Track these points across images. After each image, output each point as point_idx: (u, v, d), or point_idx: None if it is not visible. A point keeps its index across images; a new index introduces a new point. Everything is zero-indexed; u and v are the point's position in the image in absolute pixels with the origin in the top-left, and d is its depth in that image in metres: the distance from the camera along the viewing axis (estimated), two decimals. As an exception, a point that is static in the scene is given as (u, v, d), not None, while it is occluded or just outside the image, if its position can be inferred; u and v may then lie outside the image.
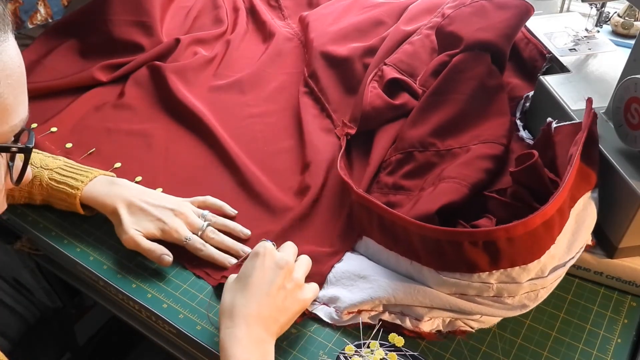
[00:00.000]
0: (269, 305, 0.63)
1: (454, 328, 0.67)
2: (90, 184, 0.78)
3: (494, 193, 0.71)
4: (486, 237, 0.61)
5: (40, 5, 1.14)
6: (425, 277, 0.66)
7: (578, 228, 0.67)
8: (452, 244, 0.62)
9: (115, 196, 0.76)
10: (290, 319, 0.65)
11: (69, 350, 1.16)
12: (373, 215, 0.71)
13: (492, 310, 0.65)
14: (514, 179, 0.68)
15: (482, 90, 0.83)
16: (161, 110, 0.99)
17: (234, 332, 0.61)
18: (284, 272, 0.65)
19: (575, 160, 0.64)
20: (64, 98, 1.00)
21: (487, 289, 0.63)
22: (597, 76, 0.83)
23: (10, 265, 1.00)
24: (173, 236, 0.75)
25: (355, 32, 1.07)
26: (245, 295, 0.63)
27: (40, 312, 1.07)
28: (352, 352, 0.65)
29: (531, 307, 0.65)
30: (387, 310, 0.68)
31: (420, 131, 0.83)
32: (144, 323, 0.77)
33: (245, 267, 0.66)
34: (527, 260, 0.62)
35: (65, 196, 0.78)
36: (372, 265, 0.72)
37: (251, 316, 0.62)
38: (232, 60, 1.09)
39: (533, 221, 0.60)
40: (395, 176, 0.81)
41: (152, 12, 1.12)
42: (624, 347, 0.67)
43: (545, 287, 0.65)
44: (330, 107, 0.97)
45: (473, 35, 0.85)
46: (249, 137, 0.94)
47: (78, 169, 0.80)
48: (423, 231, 0.64)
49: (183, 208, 0.77)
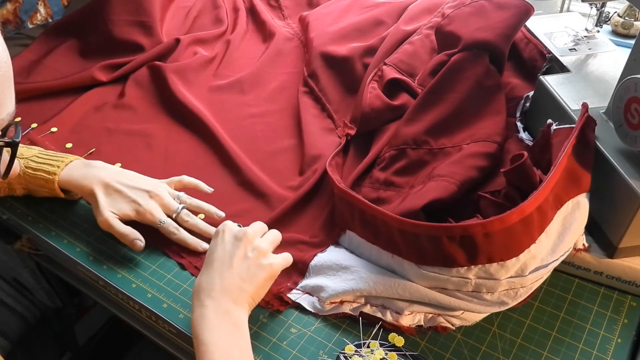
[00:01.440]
0: (232, 276, 0.64)
1: (434, 324, 0.68)
2: (67, 168, 0.79)
3: (487, 194, 0.71)
4: (463, 232, 0.61)
5: (40, 5, 1.14)
6: (406, 271, 0.67)
7: (564, 231, 0.66)
8: (430, 238, 0.63)
9: (92, 177, 0.78)
10: (260, 286, 0.65)
11: (69, 350, 1.16)
12: (355, 210, 0.72)
13: (470, 306, 0.66)
14: (506, 179, 0.69)
15: (479, 90, 0.83)
16: (161, 110, 0.99)
17: (200, 311, 0.62)
18: (243, 243, 0.66)
19: (560, 161, 0.64)
20: (64, 98, 1.00)
21: (465, 284, 0.64)
22: (597, 76, 0.83)
23: (10, 265, 1.00)
24: (147, 218, 0.76)
25: (355, 32, 1.07)
26: (209, 273, 0.64)
27: (41, 312, 1.07)
28: (352, 351, 0.65)
29: (510, 304, 0.66)
30: (368, 303, 0.69)
31: (414, 129, 0.83)
32: (144, 323, 0.77)
33: (209, 247, 0.68)
34: (505, 257, 0.62)
35: (43, 182, 0.78)
36: (354, 257, 0.73)
37: (215, 291, 0.63)
38: (232, 60, 1.10)
39: (510, 218, 0.61)
40: (387, 172, 0.82)
41: (152, 12, 1.12)
42: (624, 347, 0.67)
43: (525, 287, 0.65)
44: (331, 107, 0.97)
45: (471, 35, 0.85)
46: (249, 136, 0.94)
47: (53, 156, 0.81)
48: (402, 225, 0.65)
49: (159, 190, 0.78)
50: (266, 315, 0.71)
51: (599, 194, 0.71)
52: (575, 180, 0.67)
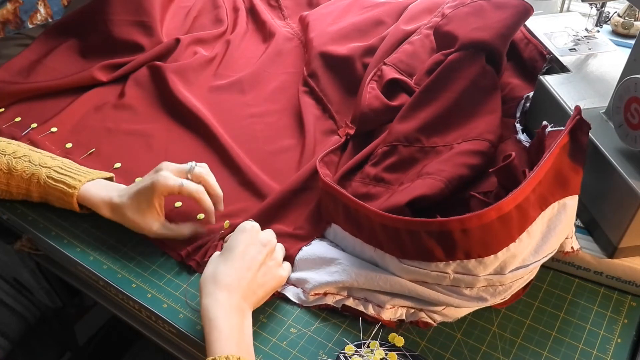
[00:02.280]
0: (250, 278, 0.66)
1: (416, 318, 0.68)
2: (88, 184, 0.78)
3: (480, 194, 0.71)
4: (441, 227, 0.62)
5: (40, 5, 1.14)
6: (388, 264, 0.68)
7: (549, 232, 0.66)
8: (410, 233, 0.64)
9: (106, 196, 0.77)
10: (267, 293, 0.69)
11: (69, 350, 1.16)
12: (339, 204, 0.73)
13: (450, 300, 0.66)
14: (497, 179, 0.69)
15: (474, 90, 0.83)
16: (161, 110, 0.99)
17: (216, 297, 0.63)
18: (267, 250, 0.69)
19: (544, 162, 0.64)
20: (64, 98, 1.00)
21: (444, 279, 0.65)
22: (597, 76, 0.83)
23: (10, 265, 1.00)
24: (169, 185, 0.74)
25: (355, 32, 1.07)
26: (229, 266, 0.66)
27: (41, 312, 1.07)
28: (352, 351, 0.65)
29: (490, 301, 0.66)
30: (351, 296, 0.70)
31: (407, 126, 0.83)
32: (144, 323, 0.77)
33: (231, 241, 0.69)
34: (483, 254, 0.62)
35: (62, 194, 0.78)
36: (338, 250, 0.74)
37: (232, 285, 0.65)
38: (232, 60, 1.10)
39: (488, 214, 0.61)
40: (378, 168, 0.82)
41: (152, 12, 1.12)
42: (624, 347, 0.67)
43: (504, 285, 0.65)
44: (332, 108, 0.97)
45: (468, 35, 0.86)
46: (249, 136, 0.94)
47: (77, 169, 0.80)
48: (383, 220, 0.66)
49: (161, 165, 0.77)
50: (266, 315, 0.71)
51: (599, 194, 0.71)
52: (562, 181, 0.66)
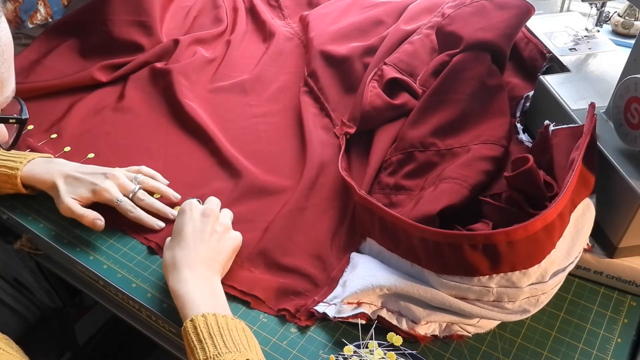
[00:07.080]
0: (206, 248, 0.70)
1: (450, 333, 0.67)
2: (29, 164, 0.81)
3: (488, 198, 0.71)
4: (486, 240, 0.60)
5: (40, 5, 1.14)
6: (426, 280, 0.66)
7: (577, 233, 0.66)
8: (452, 246, 0.62)
9: (53, 171, 0.81)
10: (229, 257, 0.72)
11: (69, 350, 1.16)
12: (375, 217, 0.71)
13: (492, 314, 0.65)
14: (509, 183, 0.68)
15: (483, 90, 0.83)
16: (161, 113, 0.99)
17: (180, 276, 0.66)
18: (211, 219, 0.72)
19: (578, 165, 0.64)
20: (64, 98, 1.01)
21: (487, 293, 0.63)
22: (597, 76, 0.83)
23: (10, 265, 1.00)
24: (105, 196, 0.79)
25: (355, 32, 1.07)
26: (183, 247, 0.69)
27: (41, 312, 1.07)
28: (351, 352, 0.65)
29: (532, 312, 0.65)
30: (385, 307, 0.68)
31: (420, 131, 0.83)
32: (144, 322, 0.77)
33: (176, 224, 0.72)
34: (528, 265, 0.61)
35: (6, 177, 0.81)
36: (375, 261, 0.72)
37: (191, 261, 0.68)
38: (233, 61, 1.09)
39: (534, 225, 0.60)
40: (397, 176, 0.81)
41: (152, 12, 1.12)
42: (623, 347, 0.67)
43: (546, 293, 0.64)
44: (329, 106, 0.97)
45: (473, 35, 0.85)
46: (252, 137, 0.94)
47: (15, 154, 0.83)
48: (423, 234, 0.64)
49: (115, 171, 0.81)
50: (266, 315, 0.71)
51: (599, 194, 0.71)
52: (585, 182, 0.67)
